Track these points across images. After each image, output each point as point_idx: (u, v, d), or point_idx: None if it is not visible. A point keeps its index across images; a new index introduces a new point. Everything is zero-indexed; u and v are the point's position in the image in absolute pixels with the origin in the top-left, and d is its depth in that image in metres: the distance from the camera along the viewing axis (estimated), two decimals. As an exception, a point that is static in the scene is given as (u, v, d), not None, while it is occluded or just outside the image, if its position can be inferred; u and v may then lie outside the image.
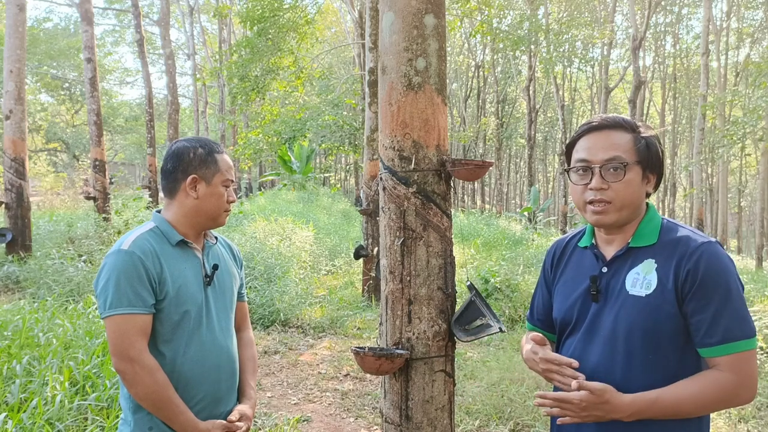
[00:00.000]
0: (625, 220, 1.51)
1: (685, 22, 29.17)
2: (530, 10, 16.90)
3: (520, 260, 8.98)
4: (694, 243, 1.43)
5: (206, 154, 1.79)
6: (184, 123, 34.84)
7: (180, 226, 1.79)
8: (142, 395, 1.63)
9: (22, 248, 8.34)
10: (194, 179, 1.77)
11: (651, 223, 1.52)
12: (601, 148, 1.50)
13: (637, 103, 17.09)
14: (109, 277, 1.63)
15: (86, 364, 3.66)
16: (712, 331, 1.39)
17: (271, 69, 13.46)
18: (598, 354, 1.50)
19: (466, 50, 31.81)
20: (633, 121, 1.54)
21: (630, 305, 1.46)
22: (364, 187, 7.65)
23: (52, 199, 19.97)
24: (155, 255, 1.69)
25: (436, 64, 2.07)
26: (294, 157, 23.02)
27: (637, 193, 1.49)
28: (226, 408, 1.82)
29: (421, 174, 2.04)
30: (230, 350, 1.86)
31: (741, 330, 1.39)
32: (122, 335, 1.61)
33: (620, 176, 1.47)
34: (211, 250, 1.89)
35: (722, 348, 1.39)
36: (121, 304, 1.61)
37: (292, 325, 6.49)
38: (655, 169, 1.53)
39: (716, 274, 1.39)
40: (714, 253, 1.41)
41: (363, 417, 4.18)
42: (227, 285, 1.90)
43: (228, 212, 1.86)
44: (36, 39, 29.05)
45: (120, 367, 1.62)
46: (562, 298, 1.63)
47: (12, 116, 8.48)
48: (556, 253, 1.73)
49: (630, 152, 1.49)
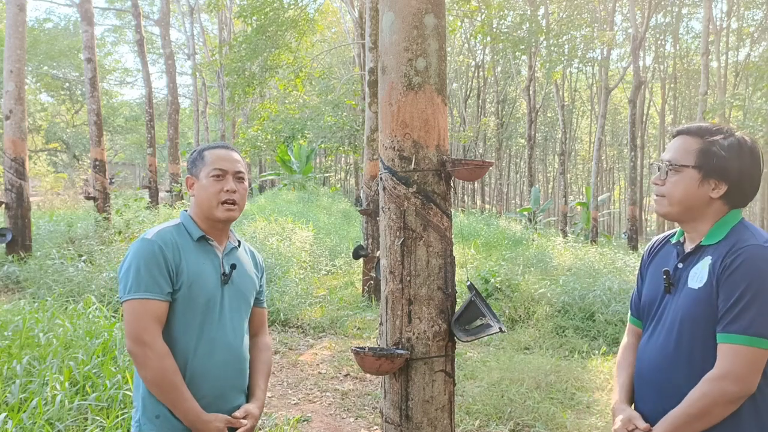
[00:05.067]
0: (679, 216, 1.65)
1: (685, 22, 29.17)
2: (530, 11, 16.88)
3: (520, 260, 8.98)
4: (743, 243, 1.52)
5: (198, 153, 1.90)
6: (184, 123, 34.83)
7: (200, 223, 1.88)
8: (150, 378, 1.69)
9: (22, 248, 8.34)
10: (189, 179, 1.90)
11: (725, 225, 1.60)
12: (668, 151, 1.67)
13: (637, 103, 17.09)
14: (130, 263, 1.73)
15: (86, 364, 3.66)
16: (722, 320, 1.49)
17: (269, 66, 13.46)
18: (657, 343, 1.65)
19: (466, 50, 31.80)
20: (706, 129, 1.62)
21: (685, 297, 1.59)
22: (364, 187, 7.65)
23: (52, 199, 19.96)
24: (176, 246, 1.78)
25: (436, 64, 2.07)
26: (294, 157, 23.01)
27: (690, 194, 1.60)
28: (231, 405, 1.84)
29: (421, 174, 2.04)
30: (239, 350, 1.88)
31: (744, 325, 1.45)
32: (137, 319, 1.68)
33: (672, 176, 1.62)
34: (233, 251, 1.93)
35: (721, 336, 1.49)
36: (139, 289, 1.69)
37: (292, 325, 6.49)
38: (719, 176, 1.58)
39: (749, 270, 1.46)
40: (756, 254, 1.48)
41: (363, 417, 4.18)
42: (244, 287, 1.93)
43: (226, 203, 1.85)
44: (36, 39, 29.03)
45: (133, 350, 1.68)
46: (646, 289, 1.77)
47: (12, 116, 8.47)
48: (652, 248, 1.84)
49: (688, 157, 1.61)
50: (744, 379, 1.46)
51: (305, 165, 23.07)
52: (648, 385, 1.68)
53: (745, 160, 1.58)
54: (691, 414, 1.51)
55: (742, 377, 1.46)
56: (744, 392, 1.47)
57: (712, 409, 1.49)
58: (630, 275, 8.13)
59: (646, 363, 1.69)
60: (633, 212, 16.35)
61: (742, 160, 1.57)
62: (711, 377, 1.49)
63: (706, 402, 1.49)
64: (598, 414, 4.11)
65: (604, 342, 6.01)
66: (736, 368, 1.46)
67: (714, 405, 1.48)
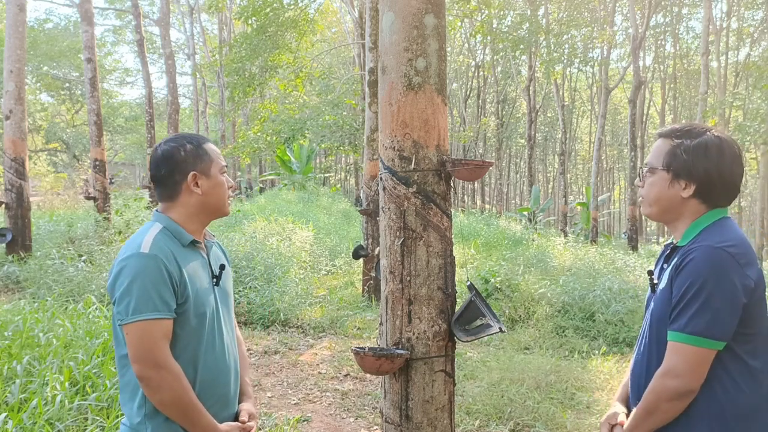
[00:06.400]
0: (658, 216, 1.72)
1: (685, 22, 29.16)
2: (530, 11, 16.87)
3: (520, 260, 8.97)
4: (697, 244, 1.56)
5: (196, 147, 1.76)
6: (184, 123, 34.81)
7: (188, 226, 1.75)
8: (168, 401, 1.58)
9: (22, 248, 8.34)
10: (195, 176, 1.73)
11: (698, 226, 1.64)
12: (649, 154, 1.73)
13: (637, 103, 17.08)
14: (132, 281, 1.58)
15: (86, 364, 3.66)
16: (670, 318, 1.56)
17: (269, 66, 13.45)
18: (642, 342, 1.72)
19: (466, 50, 31.79)
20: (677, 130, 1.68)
21: (657, 298, 1.66)
22: (364, 187, 7.65)
23: (52, 199, 19.95)
24: (174, 257, 1.65)
25: (436, 64, 2.07)
26: (294, 157, 23.01)
27: (663, 195, 1.66)
28: (233, 410, 1.81)
29: (421, 174, 2.04)
30: (235, 352, 1.85)
31: (682, 324, 1.51)
32: (148, 341, 1.56)
33: (649, 178, 1.70)
34: (213, 249, 1.86)
35: (668, 334, 1.56)
36: (147, 309, 1.56)
37: (292, 325, 6.49)
38: (687, 176, 1.62)
39: (693, 270, 1.52)
40: (703, 255, 1.52)
41: (363, 417, 4.18)
42: (228, 284, 1.88)
43: (231, 199, 1.84)
44: (36, 39, 29.01)
45: (145, 374, 1.56)
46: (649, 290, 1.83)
47: (12, 116, 8.48)
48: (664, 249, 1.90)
49: (659, 159, 1.67)
50: (683, 376, 1.50)
51: (305, 165, 23.07)
52: (632, 383, 1.74)
53: (712, 160, 1.61)
54: (644, 409, 1.58)
55: (680, 374, 1.51)
56: (683, 388, 1.51)
57: (658, 404, 1.54)
58: (630, 275, 8.13)
59: (633, 362, 1.76)
60: (633, 212, 16.34)
61: (708, 160, 1.61)
62: (657, 373, 1.56)
63: (653, 398, 1.56)
64: (598, 414, 4.11)
65: (604, 342, 6.01)
66: (674, 365, 1.52)
67: (659, 400, 1.54)
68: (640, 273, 8.44)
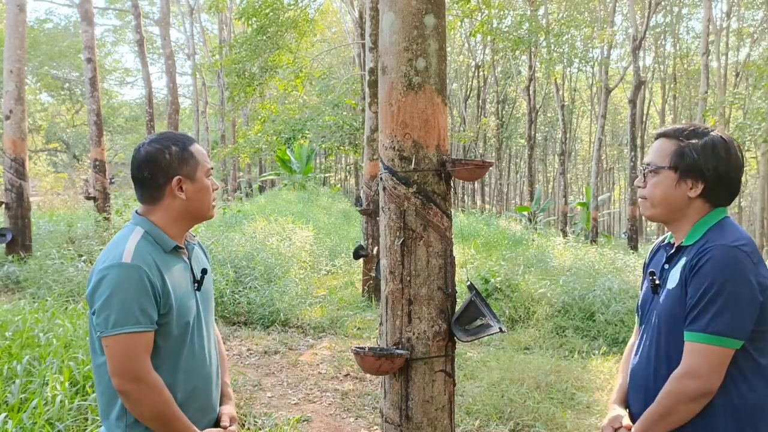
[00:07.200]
0: (662, 216, 1.70)
1: (685, 22, 29.18)
2: (530, 11, 16.88)
3: (520, 260, 8.97)
4: (711, 242, 1.55)
5: (181, 150, 1.68)
6: (184, 123, 34.83)
7: (170, 230, 1.68)
8: (149, 415, 1.55)
9: (22, 248, 8.34)
10: (179, 180, 1.67)
11: (703, 225, 1.64)
12: (648, 154, 1.73)
13: (637, 103, 17.08)
14: (112, 292, 1.52)
15: (86, 364, 3.65)
16: (687, 319, 1.54)
17: (269, 66, 13.46)
18: (645, 343, 1.69)
19: (466, 50, 31.80)
20: (682, 130, 1.67)
21: (665, 298, 1.64)
22: (364, 187, 7.65)
23: (52, 199, 19.96)
24: (156, 267, 1.59)
25: (436, 64, 2.07)
26: (294, 157, 23.01)
27: (669, 195, 1.65)
28: (214, 415, 1.79)
29: (421, 174, 2.04)
30: (216, 357, 1.82)
31: (702, 324, 1.50)
32: (129, 355, 1.52)
33: (652, 178, 1.68)
34: (194, 252, 1.81)
35: (686, 335, 1.54)
36: (128, 323, 1.51)
37: (292, 325, 6.49)
38: (695, 175, 1.62)
39: (711, 269, 1.50)
40: (720, 254, 1.51)
41: (363, 417, 4.18)
42: (210, 286, 1.83)
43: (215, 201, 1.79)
44: (36, 39, 29.02)
45: (125, 388, 1.53)
46: (643, 291, 1.82)
47: (12, 116, 8.48)
48: (652, 249, 1.89)
49: (664, 159, 1.66)
50: (703, 377, 1.50)
51: (305, 165, 23.07)
52: (635, 385, 1.72)
53: (720, 159, 1.61)
54: (658, 412, 1.56)
55: (702, 375, 1.50)
56: (704, 390, 1.50)
57: (676, 406, 1.53)
58: (630, 275, 8.12)
59: (635, 363, 1.73)
60: (633, 212, 16.34)
61: (717, 159, 1.61)
62: (674, 375, 1.54)
63: (670, 400, 1.54)
64: (598, 414, 4.11)
65: (604, 342, 6.01)
66: (695, 366, 1.50)
67: (677, 402, 1.53)
68: (640, 273, 8.43)
